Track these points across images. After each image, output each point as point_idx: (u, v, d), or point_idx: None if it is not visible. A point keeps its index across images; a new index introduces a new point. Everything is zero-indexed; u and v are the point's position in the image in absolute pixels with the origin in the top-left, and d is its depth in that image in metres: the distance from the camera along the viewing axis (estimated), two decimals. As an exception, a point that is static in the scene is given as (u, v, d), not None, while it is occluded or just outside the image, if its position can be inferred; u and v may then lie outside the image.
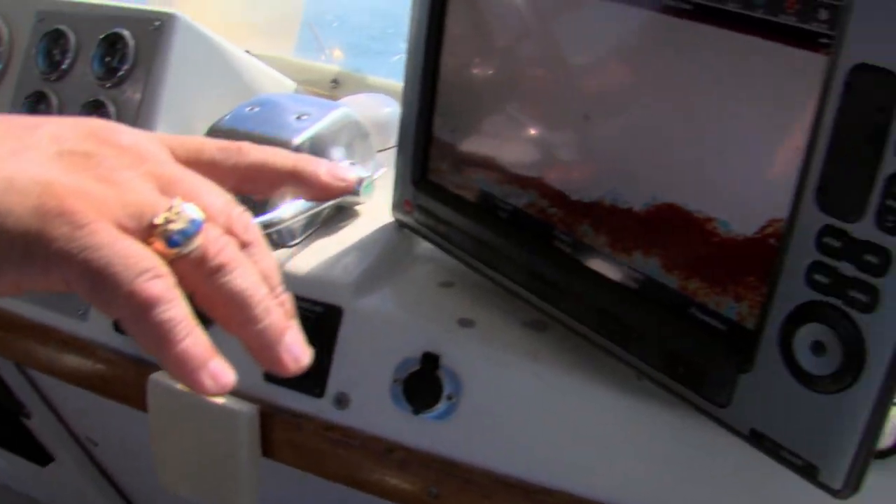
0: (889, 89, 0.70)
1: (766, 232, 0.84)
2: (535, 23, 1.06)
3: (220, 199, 0.60)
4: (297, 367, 0.60)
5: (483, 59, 1.15)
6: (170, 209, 0.55)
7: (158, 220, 0.55)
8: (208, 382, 0.55)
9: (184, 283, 0.56)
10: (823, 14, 0.75)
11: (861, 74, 0.72)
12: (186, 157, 0.64)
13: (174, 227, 0.55)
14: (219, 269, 0.57)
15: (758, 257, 0.85)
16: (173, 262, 0.55)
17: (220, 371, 0.56)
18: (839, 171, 0.75)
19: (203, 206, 0.57)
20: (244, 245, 0.59)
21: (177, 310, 0.54)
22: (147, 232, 0.55)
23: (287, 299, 0.62)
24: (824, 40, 0.75)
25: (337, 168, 0.72)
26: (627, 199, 0.98)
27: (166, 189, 0.58)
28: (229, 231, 0.58)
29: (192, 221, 0.55)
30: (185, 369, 0.54)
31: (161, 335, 0.53)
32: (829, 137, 0.75)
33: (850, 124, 0.74)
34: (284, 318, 0.60)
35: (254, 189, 0.70)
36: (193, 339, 0.54)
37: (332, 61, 2.13)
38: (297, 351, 0.60)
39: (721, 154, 0.87)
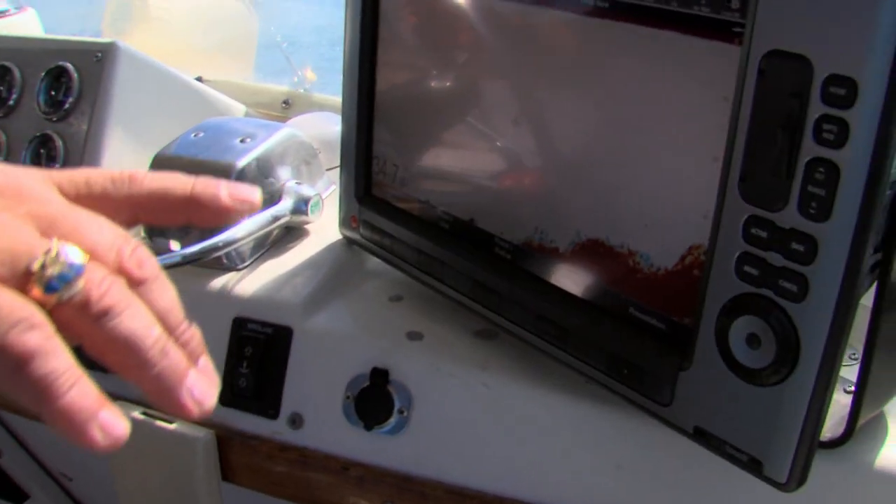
0: (802, 74, 0.70)
1: (686, 262, 0.85)
2: (458, 33, 1.06)
3: (109, 236, 0.56)
4: (200, 410, 0.56)
5: (415, 72, 1.15)
6: (47, 252, 0.52)
7: (35, 266, 0.51)
8: (98, 436, 0.51)
9: (70, 330, 0.52)
10: (735, 3, 0.76)
11: (774, 61, 0.72)
12: (76, 193, 0.61)
13: (51, 271, 0.51)
14: (105, 313, 0.53)
15: (683, 288, 0.86)
16: (54, 309, 0.51)
17: (111, 422, 0.52)
18: (759, 160, 0.75)
19: (88, 245, 0.54)
20: (138, 283, 0.55)
21: (57, 361, 0.50)
22: (23, 279, 0.51)
23: (193, 336, 0.58)
24: (737, 29, 0.76)
25: (238, 189, 0.68)
26: (553, 238, 0.99)
27: (48, 230, 0.54)
28: (120, 269, 0.55)
29: (71, 265, 0.52)
30: (71, 424, 0.50)
31: (41, 390, 0.49)
32: (748, 127, 0.75)
33: (766, 112, 0.73)
34: (184, 360, 0.56)
35: (153, 219, 0.65)
36: (79, 390, 0.50)
37: (305, 82, 2.12)
38: (200, 394, 0.56)
39: (639, 173, 0.88)
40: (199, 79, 1.77)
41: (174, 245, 1.30)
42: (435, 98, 1.13)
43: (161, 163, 1.31)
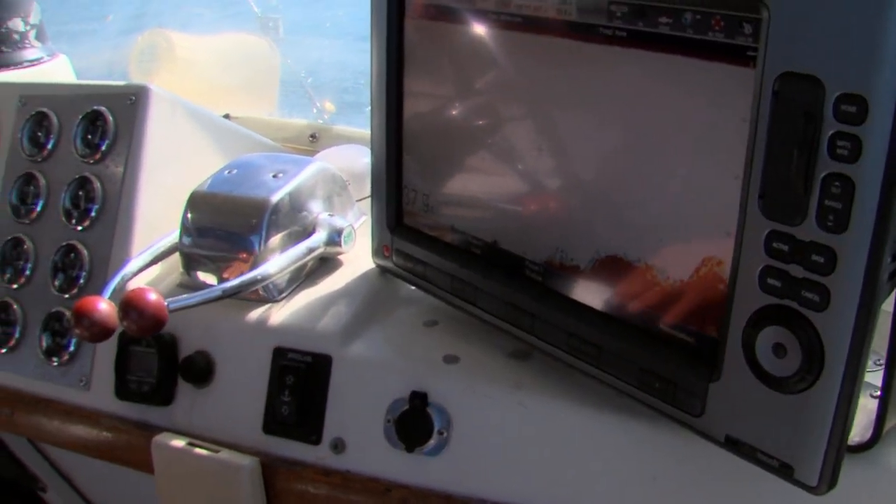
0: (814, 94, 0.73)
1: (700, 273, 0.89)
2: (481, 63, 1.10)
3: None
4: None
5: (440, 103, 1.18)
6: None
7: None
8: None
9: None
10: (748, 28, 0.79)
11: (787, 82, 0.76)
12: None
13: None
14: None
15: (707, 301, 0.89)
16: None
17: None
18: (778, 177, 0.78)
19: None
20: None
21: None
22: None
23: None
24: (751, 53, 0.79)
25: None
26: (574, 257, 1.03)
27: None
28: None
29: None
30: None
31: None
32: (765, 146, 0.78)
33: (782, 131, 0.77)
34: None
35: None
36: None
37: (324, 114, 2.16)
38: None
39: (657, 192, 0.91)
40: (226, 116, 1.80)
41: (211, 279, 1.33)
42: (461, 127, 1.16)
43: (197, 200, 1.35)
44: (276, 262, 1.26)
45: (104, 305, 1.13)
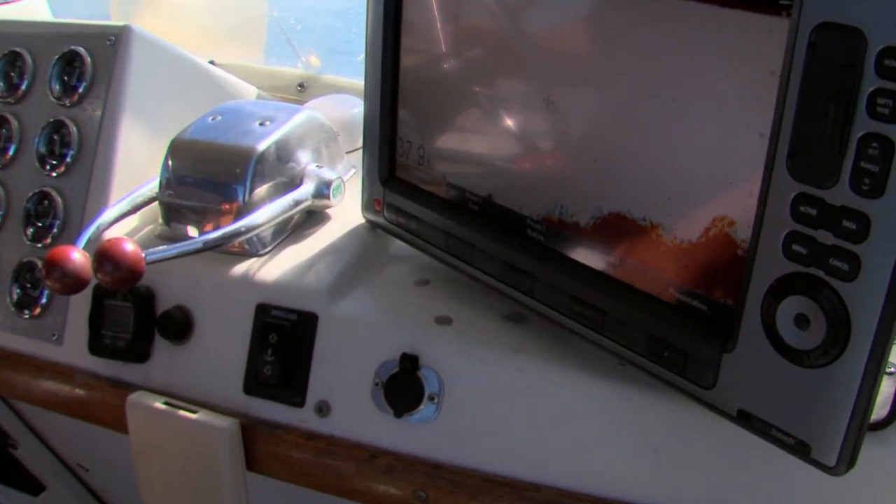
0: (855, 47, 0.68)
1: (710, 234, 0.84)
2: (487, 7, 1.04)
3: None
4: None
5: (443, 50, 1.13)
6: None
7: None
8: None
9: None
10: (782, -25, 0.73)
11: (825, 33, 0.70)
12: None
13: None
14: None
15: (722, 267, 0.85)
16: None
17: None
18: (810, 136, 0.73)
19: None
20: None
21: None
22: None
23: None
24: (785, 2, 0.74)
25: None
26: (574, 213, 0.98)
27: None
28: None
29: None
30: None
31: None
32: (797, 102, 0.73)
33: (817, 86, 0.71)
34: None
35: None
36: None
37: (310, 68, 2.11)
38: None
39: (672, 147, 0.86)
40: (211, 62, 1.75)
41: (192, 231, 1.28)
42: (459, 78, 1.11)
43: (178, 147, 1.29)
44: (261, 213, 1.20)
45: (77, 255, 1.07)
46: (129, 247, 1.06)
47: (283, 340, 1.17)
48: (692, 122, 0.84)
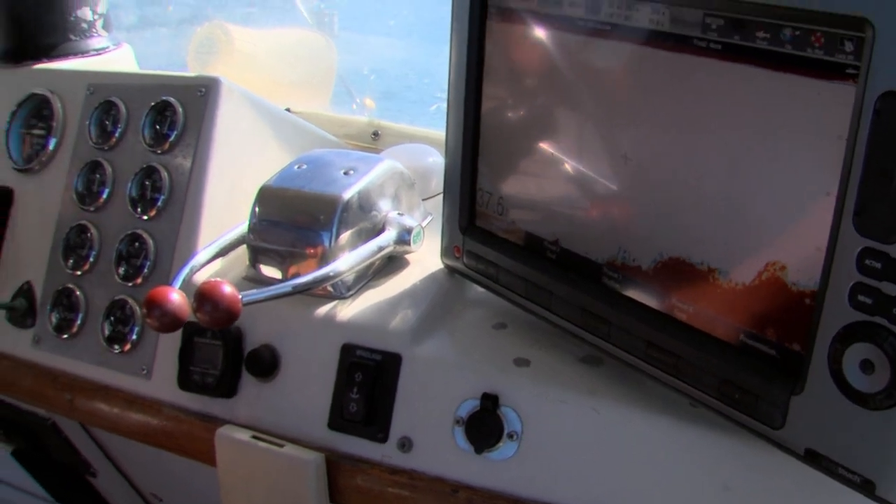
0: (918, 114, 0.73)
1: (763, 278, 0.90)
2: (570, 66, 1.10)
3: None
4: None
5: (521, 106, 1.19)
6: None
7: None
8: None
9: None
10: (849, 46, 0.79)
11: (890, 101, 0.75)
12: None
13: None
14: None
15: (765, 303, 0.90)
16: None
17: None
18: (875, 196, 0.78)
19: None
20: None
21: None
22: None
23: None
24: (851, 70, 0.79)
25: None
26: (636, 257, 1.04)
27: None
28: None
29: None
30: None
31: None
32: (863, 164, 0.78)
33: (882, 150, 0.77)
34: None
35: None
36: None
37: (364, 109, 2.17)
38: None
39: (735, 198, 0.92)
40: (287, 110, 1.81)
41: (275, 273, 1.34)
42: (538, 131, 1.16)
43: (267, 194, 1.36)
44: (348, 259, 1.27)
45: (176, 296, 1.14)
46: (227, 289, 1.12)
47: (368, 379, 1.23)
48: (760, 178, 0.89)
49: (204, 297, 1.11)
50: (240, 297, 1.13)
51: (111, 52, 1.88)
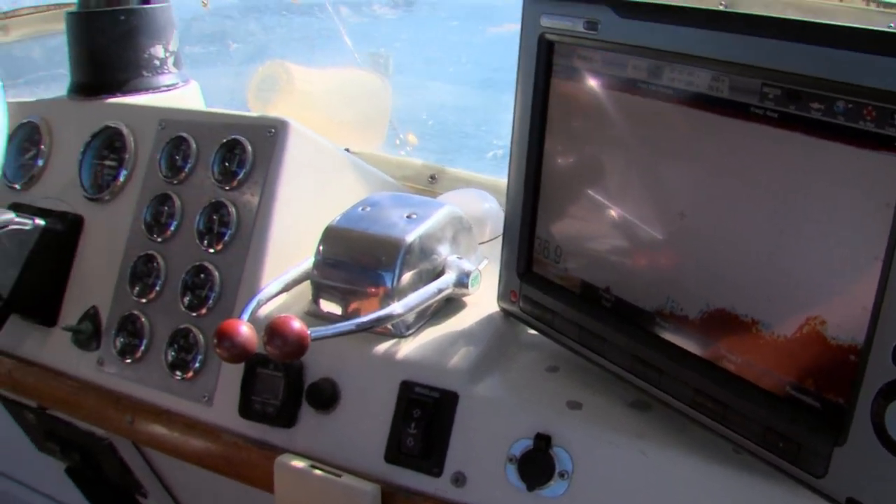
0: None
1: (804, 331, 0.95)
2: (630, 126, 1.16)
3: None
4: None
5: (581, 160, 1.24)
6: None
7: None
8: None
9: None
10: (899, 119, 0.84)
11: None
12: None
13: None
14: None
15: (806, 355, 0.96)
16: None
17: None
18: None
19: None
20: None
21: None
22: None
23: None
24: (899, 143, 0.84)
25: None
26: (683, 307, 1.09)
27: None
28: None
29: None
30: None
31: None
32: (912, 230, 0.83)
33: (929, 219, 0.82)
34: None
35: None
36: None
37: (407, 144, 2.22)
38: None
39: (783, 257, 0.97)
40: (346, 150, 1.87)
41: (334, 308, 1.40)
42: (596, 184, 1.22)
43: (332, 234, 1.43)
44: (409, 300, 1.33)
45: (245, 329, 1.19)
46: (297, 325, 1.18)
47: (426, 415, 1.28)
48: (808, 239, 0.94)
49: (275, 331, 1.17)
50: (308, 332, 1.19)
51: (180, 88, 1.94)
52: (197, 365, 1.53)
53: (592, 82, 1.19)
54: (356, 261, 1.39)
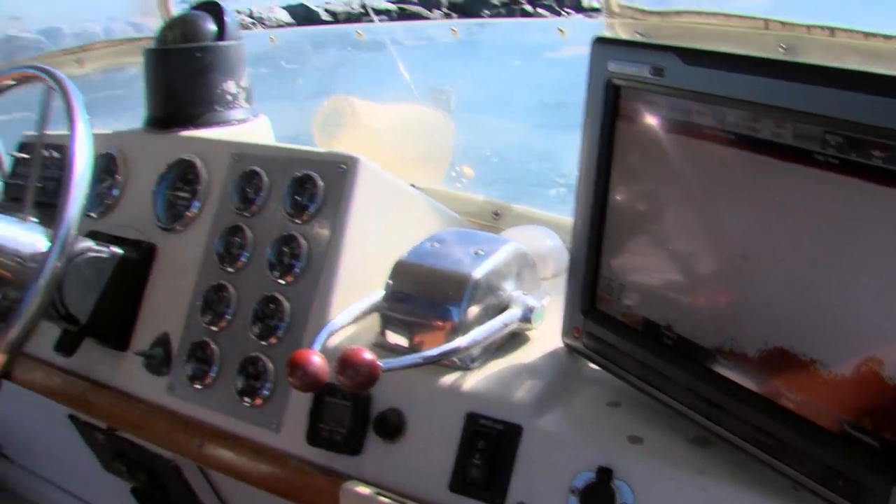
0: None
1: (861, 371, 0.97)
2: (693, 169, 1.19)
3: None
4: None
5: (645, 201, 1.28)
6: None
7: None
8: None
9: None
10: (960, 172, 0.87)
11: None
12: None
13: None
14: None
15: (864, 394, 0.98)
16: None
17: None
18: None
19: None
20: None
21: None
22: None
23: None
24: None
25: None
26: (742, 345, 1.12)
27: None
28: None
29: None
30: None
31: None
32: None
33: None
34: None
35: None
36: None
37: (463, 177, 2.25)
38: None
39: (843, 298, 1.00)
40: (412, 185, 1.92)
41: (401, 340, 1.44)
42: (660, 225, 1.26)
43: (402, 269, 1.47)
44: (475, 334, 1.37)
45: (317, 359, 1.24)
46: (368, 356, 1.22)
47: (491, 446, 1.32)
48: (867, 282, 0.97)
49: (347, 362, 1.21)
50: (380, 364, 1.23)
51: (251, 122, 2.00)
52: (266, 392, 1.58)
53: (657, 126, 1.23)
54: (425, 295, 1.44)
